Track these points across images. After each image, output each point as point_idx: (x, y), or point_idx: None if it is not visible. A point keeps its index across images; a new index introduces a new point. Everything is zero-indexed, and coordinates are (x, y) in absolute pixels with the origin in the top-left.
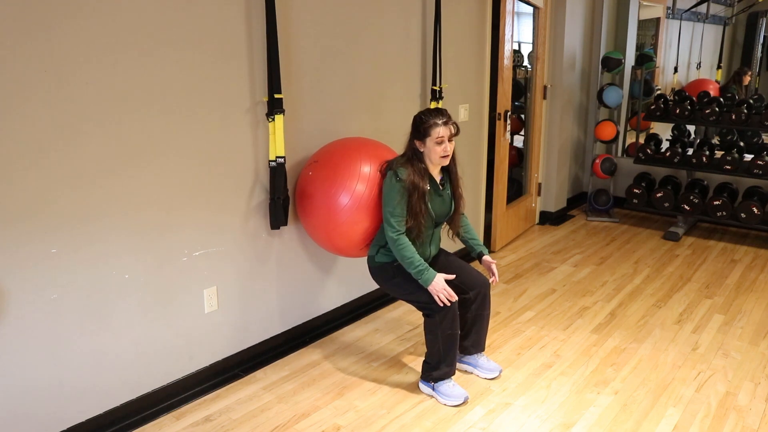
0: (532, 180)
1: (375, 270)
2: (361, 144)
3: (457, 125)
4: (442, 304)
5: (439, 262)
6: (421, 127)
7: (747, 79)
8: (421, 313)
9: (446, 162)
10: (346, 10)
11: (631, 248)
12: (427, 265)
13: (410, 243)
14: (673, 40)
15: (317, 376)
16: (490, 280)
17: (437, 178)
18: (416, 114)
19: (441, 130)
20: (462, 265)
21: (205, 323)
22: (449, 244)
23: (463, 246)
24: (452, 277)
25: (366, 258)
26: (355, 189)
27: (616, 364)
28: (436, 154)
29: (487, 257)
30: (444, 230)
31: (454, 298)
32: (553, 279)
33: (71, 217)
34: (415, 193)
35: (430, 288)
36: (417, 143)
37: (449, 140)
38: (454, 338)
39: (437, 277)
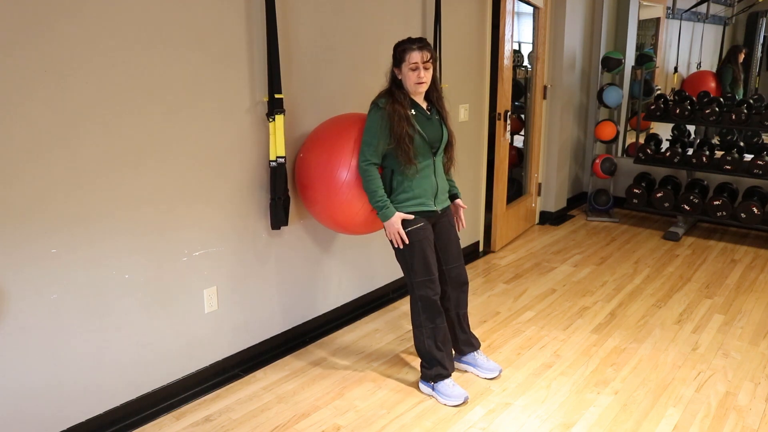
0: (532, 180)
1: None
2: (352, 120)
3: (431, 52)
4: (394, 246)
5: (445, 231)
6: (396, 51)
7: (741, 57)
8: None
9: (422, 89)
10: (346, 10)
11: (631, 248)
12: (388, 202)
13: (378, 177)
14: (673, 40)
15: (317, 376)
16: (457, 227)
17: (423, 105)
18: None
19: (414, 55)
20: (456, 256)
21: (205, 323)
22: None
23: (463, 246)
24: (411, 217)
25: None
26: (352, 164)
27: (616, 364)
28: (411, 80)
29: (459, 201)
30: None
31: (405, 242)
32: (553, 279)
33: (71, 217)
34: (394, 116)
35: (386, 224)
36: (395, 71)
37: (425, 67)
38: (437, 333)
39: (396, 215)
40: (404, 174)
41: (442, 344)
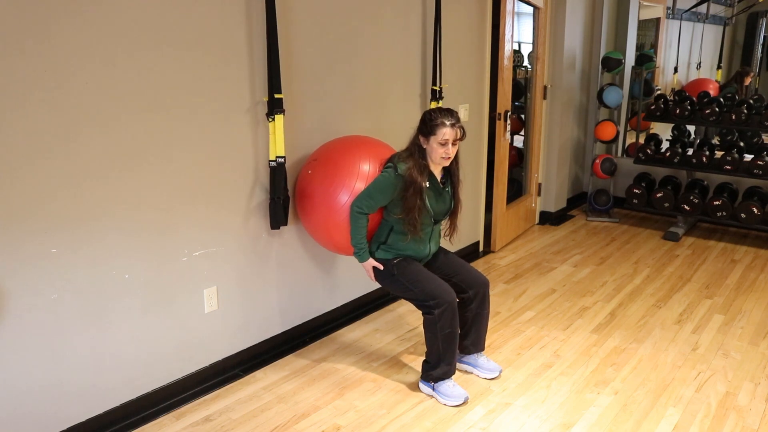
0: (532, 180)
1: (375, 267)
2: (361, 142)
3: (463, 130)
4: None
5: (439, 260)
6: (428, 123)
7: (748, 80)
8: (420, 312)
9: (446, 163)
10: (346, 10)
11: (631, 248)
12: (366, 249)
13: (365, 226)
14: (673, 40)
15: (317, 376)
16: None
17: (438, 176)
18: (427, 110)
19: (447, 132)
20: (461, 264)
21: (205, 323)
22: (448, 244)
23: (463, 246)
24: (381, 266)
25: None
26: (355, 187)
27: (616, 364)
28: (437, 154)
29: None
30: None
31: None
32: (553, 279)
33: (71, 217)
34: (410, 188)
35: (363, 265)
36: (422, 139)
37: (453, 143)
38: (452, 337)
39: (369, 261)
40: (403, 235)
41: (454, 347)
